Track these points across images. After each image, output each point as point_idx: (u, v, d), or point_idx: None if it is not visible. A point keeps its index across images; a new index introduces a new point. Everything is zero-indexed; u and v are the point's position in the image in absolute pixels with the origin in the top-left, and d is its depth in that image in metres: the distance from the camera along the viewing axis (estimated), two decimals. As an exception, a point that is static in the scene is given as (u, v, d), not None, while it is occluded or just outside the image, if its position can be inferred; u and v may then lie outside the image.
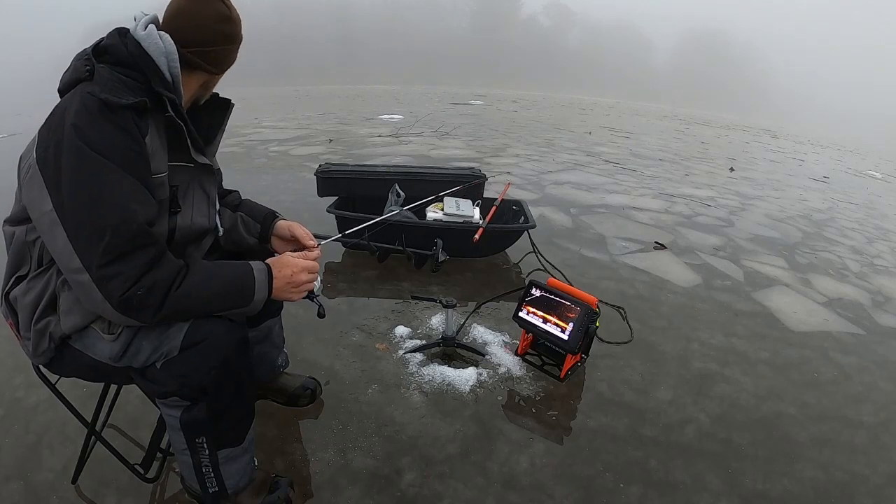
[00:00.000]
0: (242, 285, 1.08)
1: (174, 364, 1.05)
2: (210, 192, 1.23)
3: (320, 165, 3.29)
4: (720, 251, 3.61)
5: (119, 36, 1.05)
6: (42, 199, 0.96)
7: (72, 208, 0.93)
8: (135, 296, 0.94)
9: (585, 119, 13.72)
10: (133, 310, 0.96)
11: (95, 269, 0.93)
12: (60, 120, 0.96)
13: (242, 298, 1.08)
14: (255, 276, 1.09)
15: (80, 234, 0.93)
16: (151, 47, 1.03)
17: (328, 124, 9.45)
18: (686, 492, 1.49)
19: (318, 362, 1.96)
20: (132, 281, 0.94)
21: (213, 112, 1.26)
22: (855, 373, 2.21)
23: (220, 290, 1.05)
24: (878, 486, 1.58)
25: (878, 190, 7.74)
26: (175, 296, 0.98)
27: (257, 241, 1.39)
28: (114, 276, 0.93)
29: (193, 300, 1.01)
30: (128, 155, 0.97)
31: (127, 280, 0.93)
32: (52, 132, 0.96)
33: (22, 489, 1.38)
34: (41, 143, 0.98)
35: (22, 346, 1.13)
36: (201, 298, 1.02)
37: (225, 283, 1.06)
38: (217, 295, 1.05)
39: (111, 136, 0.95)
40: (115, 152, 0.95)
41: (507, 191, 3.24)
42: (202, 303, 1.03)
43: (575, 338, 1.82)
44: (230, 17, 1.12)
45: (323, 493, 1.40)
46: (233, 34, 1.14)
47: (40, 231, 0.99)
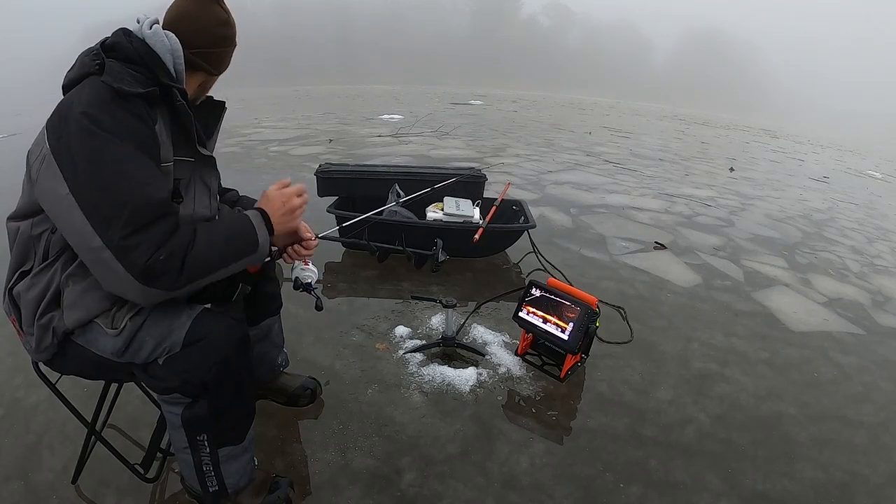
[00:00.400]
0: (245, 232, 1.11)
1: (176, 360, 1.06)
2: (211, 185, 1.25)
3: (320, 165, 3.30)
4: (720, 251, 3.61)
5: (124, 35, 1.07)
6: (57, 185, 0.96)
7: (88, 188, 0.95)
8: (157, 262, 0.95)
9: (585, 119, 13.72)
10: (156, 277, 0.96)
11: (117, 243, 0.94)
12: (70, 109, 0.98)
13: (249, 245, 1.10)
14: (253, 221, 1.12)
15: (99, 212, 0.94)
16: (158, 45, 1.07)
17: (328, 124, 9.45)
18: (686, 492, 1.49)
19: (318, 362, 1.96)
20: (154, 248, 0.95)
21: (209, 113, 1.28)
22: (855, 373, 2.21)
23: (228, 242, 1.07)
24: (878, 486, 1.58)
25: (879, 190, 7.74)
26: (192, 256, 1.00)
27: None
28: (135, 246, 0.94)
29: (209, 256, 1.03)
30: (142, 138, 1.00)
31: (149, 248, 0.95)
32: (63, 121, 0.98)
33: (22, 489, 1.38)
34: (53, 134, 0.98)
35: (24, 344, 1.13)
36: (215, 254, 1.05)
37: (230, 235, 1.08)
38: (227, 247, 1.07)
39: (124, 121, 0.98)
40: (128, 134, 0.98)
41: (507, 191, 3.24)
42: (218, 258, 1.05)
43: (575, 338, 1.82)
44: (228, 21, 1.18)
45: (323, 493, 1.40)
46: (230, 37, 1.20)
47: (56, 218, 1.00)
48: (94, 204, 0.94)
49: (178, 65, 1.09)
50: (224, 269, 1.07)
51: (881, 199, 6.92)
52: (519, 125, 10.78)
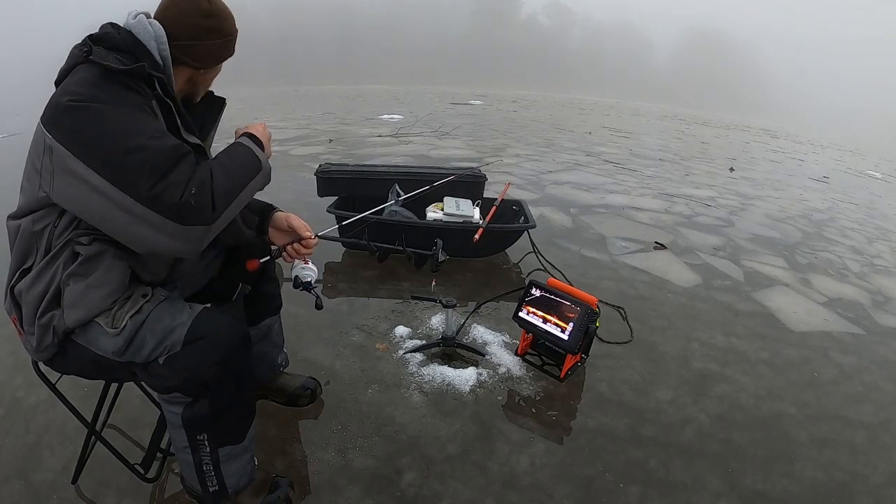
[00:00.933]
0: (245, 154, 1.13)
1: (177, 359, 1.06)
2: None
3: (320, 165, 3.30)
4: (720, 251, 3.61)
5: (112, 27, 1.09)
6: (73, 166, 0.97)
7: (103, 156, 0.96)
8: (191, 196, 0.97)
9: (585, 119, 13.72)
10: (193, 212, 0.98)
11: (146, 194, 0.95)
12: (62, 96, 0.99)
13: (254, 163, 1.14)
14: (246, 143, 1.15)
15: (121, 174, 0.95)
16: (142, 33, 1.08)
17: (328, 124, 9.45)
18: (686, 492, 1.49)
19: (318, 362, 1.96)
20: (183, 187, 0.97)
21: (207, 110, 1.28)
22: (855, 373, 2.21)
23: (237, 167, 1.10)
24: (878, 486, 1.58)
25: (879, 190, 7.74)
26: (217, 185, 1.02)
27: (255, 233, 1.40)
28: (164, 189, 0.96)
29: (229, 182, 1.06)
30: (138, 103, 1.02)
31: (178, 187, 0.97)
32: (58, 109, 0.98)
33: (22, 489, 1.38)
34: (51, 124, 0.99)
35: (24, 343, 1.13)
36: (233, 178, 1.07)
37: (235, 160, 1.11)
38: (240, 170, 1.10)
39: (117, 92, 1.00)
40: (125, 101, 1.00)
41: (507, 191, 3.24)
42: (237, 182, 1.08)
43: (575, 338, 1.82)
44: (211, 11, 1.15)
45: (323, 493, 1.40)
46: (214, 29, 1.16)
47: (80, 202, 1.00)
48: (113, 168, 0.96)
49: (162, 51, 1.09)
50: (243, 193, 1.10)
51: (881, 199, 6.92)
52: (519, 125, 10.78)
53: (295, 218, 1.39)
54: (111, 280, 1.07)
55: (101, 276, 1.05)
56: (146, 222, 0.97)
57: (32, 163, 1.04)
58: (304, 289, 1.39)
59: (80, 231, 1.05)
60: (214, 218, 1.02)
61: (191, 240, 1.01)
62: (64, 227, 1.04)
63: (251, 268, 1.32)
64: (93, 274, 1.05)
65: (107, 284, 1.06)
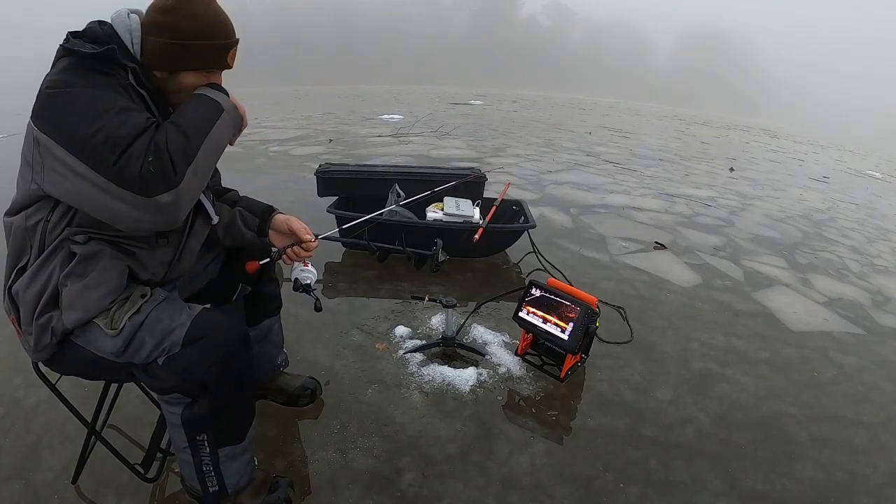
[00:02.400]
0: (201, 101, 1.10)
1: (176, 360, 1.06)
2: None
3: (320, 165, 3.29)
4: (720, 251, 3.61)
5: (98, 24, 1.11)
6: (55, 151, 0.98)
7: (75, 136, 0.96)
8: (148, 165, 0.95)
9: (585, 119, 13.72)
10: (155, 180, 0.96)
11: (112, 169, 0.95)
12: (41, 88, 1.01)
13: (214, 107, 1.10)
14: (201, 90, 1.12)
15: (91, 152, 0.96)
16: (118, 25, 1.09)
17: (328, 124, 9.45)
18: (686, 492, 1.49)
19: (318, 362, 1.96)
20: (142, 157, 0.96)
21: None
22: (855, 373, 2.21)
23: (195, 116, 1.06)
24: (878, 486, 1.58)
25: (879, 190, 7.74)
26: (171, 143, 0.99)
27: (255, 235, 1.40)
28: (126, 163, 0.95)
29: (187, 137, 1.02)
30: (109, 83, 1.02)
31: (138, 158, 0.95)
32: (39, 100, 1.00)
33: (22, 489, 1.38)
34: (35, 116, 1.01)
35: (22, 343, 1.13)
36: (187, 130, 1.03)
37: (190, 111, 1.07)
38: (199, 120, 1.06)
39: (89, 75, 1.01)
40: (98, 83, 1.00)
41: (507, 191, 3.24)
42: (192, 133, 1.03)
43: (575, 338, 1.82)
44: (167, 7, 1.08)
45: (323, 493, 1.40)
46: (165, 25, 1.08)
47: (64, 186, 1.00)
48: (86, 149, 0.96)
49: (135, 44, 1.10)
50: (207, 143, 1.06)
51: (881, 199, 6.91)
52: (519, 125, 10.78)
53: (295, 220, 1.39)
54: (109, 280, 1.07)
55: (99, 275, 1.05)
56: (120, 199, 0.96)
57: (25, 158, 1.05)
58: (304, 291, 1.39)
59: (74, 229, 1.05)
60: (178, 180, 0.99)
61: (160, 210, 0.98)
62: (56, 222, 1.04)
63: (251, 269, 1.32)
64: (90, 274, 1.05)
65: (105, 284, 1.06)
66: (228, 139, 1.15)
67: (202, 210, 1.28)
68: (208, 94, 1.12)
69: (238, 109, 1.18)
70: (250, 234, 1.39)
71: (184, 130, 1.03)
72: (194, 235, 1.28)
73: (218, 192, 1.44)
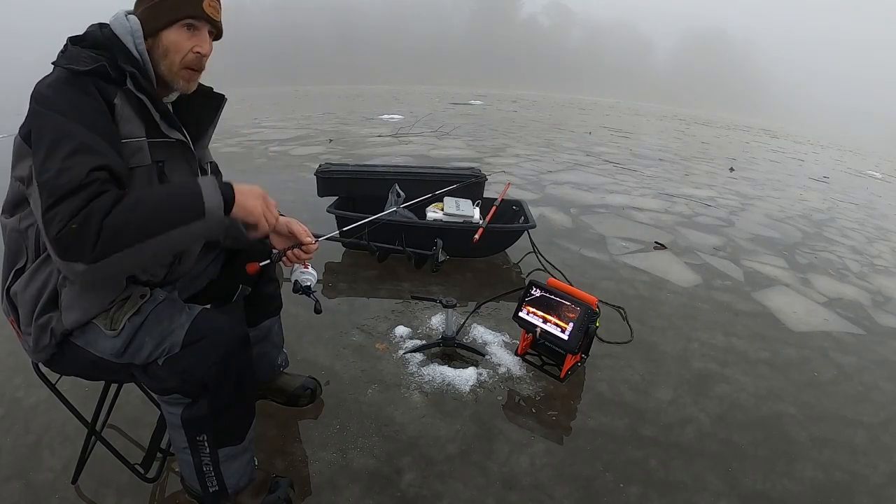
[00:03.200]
0: (188, 194, 0.98)
1: (176, 360, 1.06)
2: (192, 165, 1.23)
3: (320, 165, 3.29)
4: (720, 251, 3.61)
5: (98, 27, 1.10)
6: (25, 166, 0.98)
7: (37, 163, 0.95)
8: (69, 231, 0.88)
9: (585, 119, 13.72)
10: (68, 248, 0.89)
11: (42, 215, 0.91)
12: (33, 93, 1.00)
13: (191, 209, 0.97)
14: (202, 184, 1.00)
15: (39, 185, 0.93)
16: (118, 28, 1.08)
17: (328, 124, 9.45)
18: (686, 492, 1.49)
19: (318, 362, 1.96)
20: (67, 219, 0.89)
21: (206, 106, 1.26)
22: (855, 373, 2.21)
23: (162, 204, 0.96)
24: (878, 486, 1.58)
25: (879, 190, 7.74)
26: (110, 223, 0.90)
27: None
28: (50, 219, 0.89)
29: (131, 221, 0.92)
30: (87, 113, 0.98)
31: (62, 219, 0.89)
32: (29, 107, 1.00)
33: (22, 489, 1.38)
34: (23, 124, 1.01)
35: (22, 344, 1.13)
36: (140, 218, 0.93)
37: (168, 196, 0.98)
38: (160, 209, 0.95)
39: (72, 98, 0.99)
40: (74, 111, 0.97)
41: (507, 191, 3.24)
42: (144, 221, 0.93)
43: (575, 338, 1.82)
44: None
45: (323, 493, 1.40)
46: None
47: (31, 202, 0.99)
48: (36, 175, 0.95)
49: (139, 45, 1.08)
50: (157, 239, 0.94)
51: (881, 199, 6.91)
52: (519, 125, 10.78)
53: (296, 223, 1.37)
54: (108, 280, 1.06)
55: None
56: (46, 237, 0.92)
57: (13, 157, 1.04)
58: (304, 293, 1.38)
59: None
60: (94, 259, 0.89)
61: (73, 273, 0.92)
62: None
63: (251, 271, 1.31)
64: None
65: (104, 285, 1.06)
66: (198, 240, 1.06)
67: None
68: (202, 190, 0.99)
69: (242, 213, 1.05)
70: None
71: (138, 214, 0.93)
72: None
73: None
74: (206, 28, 1.14)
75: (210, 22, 1.14)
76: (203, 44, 1.13)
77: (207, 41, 1.15)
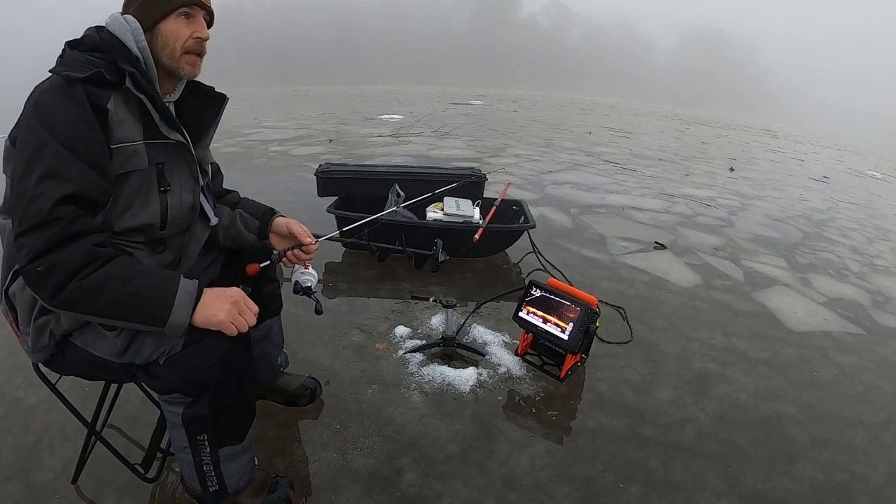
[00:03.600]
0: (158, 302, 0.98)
1: (177, 360, 1.06)
2: (192, 167, 1.23)
3: (320, 165, 3.29)
4: (720, 251, 3.61)
5: (95, 30, 1.10)
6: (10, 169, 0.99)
7: (15, 175, 0.96)
8: (34, 272, 0.93)
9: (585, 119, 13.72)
10: (33, 286, 0.95)
11: (15, 240, 0.95)
12: (29, 100, 1.00)
13: (155, 317, 0.97)
14: (179, 291, 0.99)
15: (13, 209, 0.96)
16: (117, 29, 1.08)
17: (328, 124, 9.45)
18: (686, 492, 1.49)
19: (318, 362, 1.96)
20: (32, 256, 0.93)
21: (207, 106, 1.27)
22: (855, 373, 2.21)
23: (129, 299, 0.96)
24: (878, 486, 1.58)
25: (879, 190, 7.74)
26: (76, 286, 0.93)
27: (256, 237, 1.39)
28: (21, 246, 0.94)
29: (95, 296, 0.94)
30: (73, 127, 0.98)
31: (28, 254, 0.93)
32: (23, 112, 1.00)
33: (22, 489, 1.38)
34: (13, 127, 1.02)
35: (21, 344, 1.13)
36: (106, 298, 0.95)
37: (137, 293, 0.97)
38: (124, 303, 0.96)
39: (60, 109, 0.98)
40: (59, 125, 0.97)
41: (507, 191, 3.24)
42: (105, 304, 0.95)
43: (575, 338, 1.82)
44: None
45: (323, 493, 1.40)
46: None
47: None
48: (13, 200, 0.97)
49: (139, 42, 1.08)
50: (111, 320, 0.98)
51: (881, 199, 6.92)
52: (519, 125, 10.78)
53: (296, 224, 1.38)
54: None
55: None
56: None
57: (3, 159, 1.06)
58: (305, 294, 1.38)
59: None
60: (52, 305, 0.95)
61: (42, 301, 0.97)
62: None
63: (251, 272, 1.32)
64: None
65: None
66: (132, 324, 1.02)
67: (203, 213, 1.28)
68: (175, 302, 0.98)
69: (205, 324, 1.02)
70: (251, 237, 1.39)
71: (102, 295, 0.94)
72: (194, 239, 1.28)
73: (219, 193, 1.44)
74: (201, 14, 1.14)
75: (204, 7, 1.15)
76: (201, 28, 1.14)
77: (205, 26, 1.16)
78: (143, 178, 1.10)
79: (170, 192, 1.15)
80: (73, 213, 0.95)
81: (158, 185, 1.13)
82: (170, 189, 1.15)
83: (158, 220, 1.15)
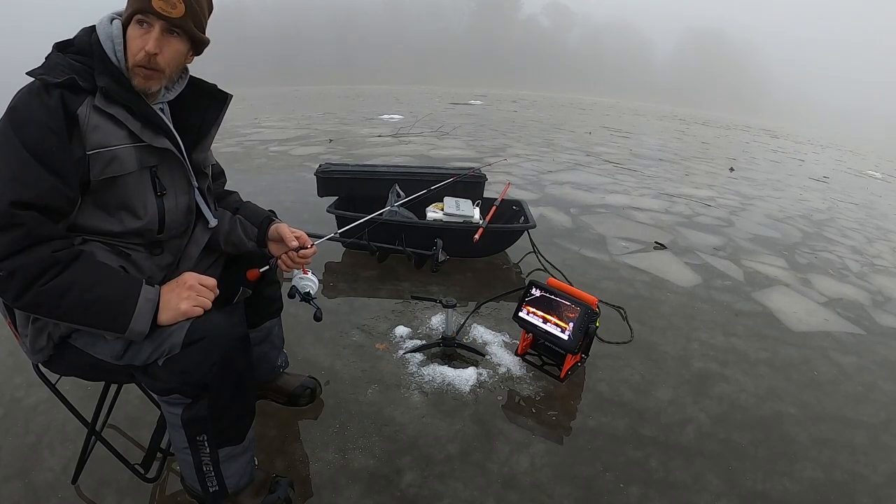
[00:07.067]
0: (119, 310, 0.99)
1: (176, 361, 1.05)
2: (185, 169, 1.21)
3: (320, 165, 3.29)
4: (720, 251, 3.61)
5: (88, 31, 1.08)
6: None
7: None
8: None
9: (585, 119, 13.72)
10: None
11: None
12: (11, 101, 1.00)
13: (116, 324, 0.99)
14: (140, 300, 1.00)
15: None
16: (102, 33, 1.06)
17: (328, 124, 9.45)
18: (686, 492, 1.49)
19: (318, 362, 1.96)
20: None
21: (209, 105, 1.25)
22: (855, 373, 2.21)
23: (90, 305, 0.97)
24: (878, 486, 1.58)
25: (878, 190, 7.74)
26: (40, 291, 0.94)
27: (256, 244, 1.39)
28: None
29: (59, 302, 0.95)
30: (41, 133, 0.96)
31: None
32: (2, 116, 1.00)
33: (22, 489, 1.38)
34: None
35: (21, 345, 1.13)
36: (68, 303, 0.96)
37: (101, 298, 0.98)
38: (86, 308, 0.97)
39: (34, 113, 0.97)
40: (28, 130, 0.96)
41: (507, 191, 3.24)
42: (68, 309, 0.96)
43: (575, 338, 1.82)
44: None
45: (323, 493, 1.40)
46: None
47: None
48: None
49: (118, 51, 1.05)
50: (73, 325, 1.02)
51: (881, 199, 6.92)
52: (519, 125, 10.78)
53: (283, 227, 1.35)
54: None
55: None
56: None
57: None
58: (304, 300, 1.37)
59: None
60: (16, 306, 0.98)
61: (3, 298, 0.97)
62: None
63: (251, 277, 1.31)
64: None
65: None
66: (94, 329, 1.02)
67: (202, 216, 1.28)
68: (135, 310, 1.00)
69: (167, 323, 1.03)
70: (251, 244, 1.37)
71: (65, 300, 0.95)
72: (194, 242, 1.27)
73: (220, 194, 1.44)
74: (158, 24, 1.04)
75: (163, 18, 1.03)
76: (150, 41, 1.03)
77: (154, 39, 1.03)
78: (137, 182, 1.09)
79: (166, 196, 1.15)
80: (34, 219, 0.94)
81: (154, 189, 1.12)
82: (166, 193, 1.15)
83: (156, 224, 1.14)
